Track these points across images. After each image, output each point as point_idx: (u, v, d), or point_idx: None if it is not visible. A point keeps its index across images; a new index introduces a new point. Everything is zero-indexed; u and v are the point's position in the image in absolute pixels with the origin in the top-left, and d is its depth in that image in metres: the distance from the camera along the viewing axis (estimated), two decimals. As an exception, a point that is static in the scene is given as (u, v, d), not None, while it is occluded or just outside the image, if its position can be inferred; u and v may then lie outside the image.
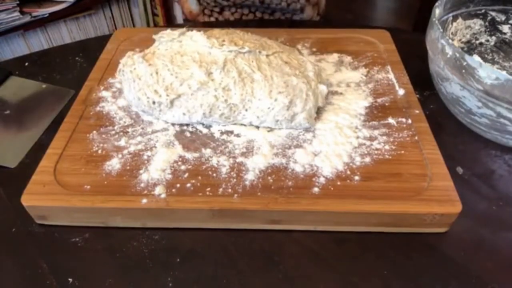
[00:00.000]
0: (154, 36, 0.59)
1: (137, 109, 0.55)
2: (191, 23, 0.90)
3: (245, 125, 0.53)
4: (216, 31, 0.58)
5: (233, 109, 0.52)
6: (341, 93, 0.59)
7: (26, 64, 0.70)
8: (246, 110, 0.52)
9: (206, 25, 0.85)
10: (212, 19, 0.89)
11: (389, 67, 0.63)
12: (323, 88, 0.55)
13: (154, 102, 0.52)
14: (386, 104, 0.57)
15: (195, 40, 0.56)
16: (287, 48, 0.59)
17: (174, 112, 0.52)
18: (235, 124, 0.53)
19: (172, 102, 0.52)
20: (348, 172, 0.47)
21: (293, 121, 0.52)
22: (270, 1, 0.85)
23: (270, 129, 0.53)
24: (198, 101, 0.51)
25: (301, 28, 0.73)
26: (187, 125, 0.54)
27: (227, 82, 0.51)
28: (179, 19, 0.93)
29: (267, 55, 0.54)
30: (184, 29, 0.59)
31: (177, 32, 0.57)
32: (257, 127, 0.53)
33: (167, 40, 0.57)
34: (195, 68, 0.52)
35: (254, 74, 0.52)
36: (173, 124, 0.54)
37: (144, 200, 0.44)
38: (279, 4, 0.85)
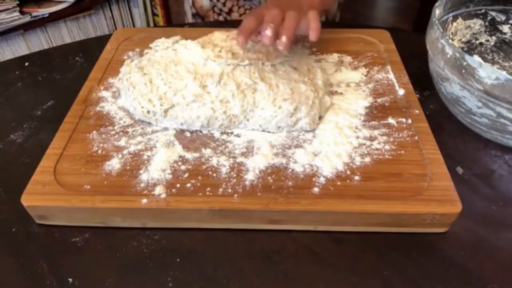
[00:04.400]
0: (151, 45, 0.59)
1: (134, 117, 0.55)
2: (200, 20, 0.89)
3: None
4: (217, 36, 0.56)
5: (233, 120, 0.51)
6: (341, 93, 0.59)
7: (26, 64, 0.70)
8: (248, 120, 0.51)
9: (207, 25, 0.85)
10: (221, 18, 0.88)
11: (389, 67, 0.63)
12: (327, 100, 0.54)
13: (148, 112, 0.52)
14: (386, 104, 0.57)
15: (190, 49, 0.54)
16: (297, 51, 0.57)
17: (170, 122, 0.52)
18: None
19: (166, 111, 0.51)
20: (348, 172, 0.47)
21: (295, 125, 0.52)
22: None
23: (270, 129, 0.53)
24: (195, 113, 0.51)
25: (301, 28, 0.73)
26: (187, 125, 0.54)
27: (225, 95, 0.51)
28: (189, 16, 0.91)
29: (272, 65, 0.53)
30: (178, 37, 0.58)
31: (171, 40, 0.57)
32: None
33: (162, 48, 0.56)
34: (190, 80, 0.51)
35: (257, 85, 0.51)
36: (173, 124, 0.54)
37: (144, 200, 0.44)
38: None
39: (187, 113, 0.51)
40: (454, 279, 0.41)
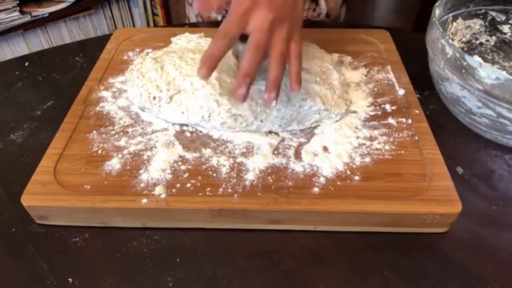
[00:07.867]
0: (172, 39, 0.59)
1: (138, 105, 0.55)
2: (204, 24, 0.89)
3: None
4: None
5: (239, 120, 0.50)
6: (341, 93, 0.59)
7: (26, 64, 0.70)
8: (261, 121, 0.51)
9: (207, 26, 0.85)
10: None
11: (389, 67, 0.63)
12: (346, 97, 0.54)
13: (154, 98, 0.52)
14: (386, 104, 0.57)
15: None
16: (308, 51, 0.57)
17: (173, 109, 0.52)
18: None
19: (171, 97, 0.51)
20: (348, 172, 0.47)
21: (320, 121, 0.52)
22: None
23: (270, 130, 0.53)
24: (199, 102, 0.50)
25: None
26: (187, 125, 0.54)
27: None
28: (192, 18, 0.90)
29: None
30: (202, 33, 0.59)
31: (195, 35, 0.58)
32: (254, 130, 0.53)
33: (185, 41, 0.58)
34: None
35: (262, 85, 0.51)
36: (173, 124, 0.54)
37: (144, 200, 0.44)
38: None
39: (191, 101, 0.51)
40: (454, 279, 0.41)
